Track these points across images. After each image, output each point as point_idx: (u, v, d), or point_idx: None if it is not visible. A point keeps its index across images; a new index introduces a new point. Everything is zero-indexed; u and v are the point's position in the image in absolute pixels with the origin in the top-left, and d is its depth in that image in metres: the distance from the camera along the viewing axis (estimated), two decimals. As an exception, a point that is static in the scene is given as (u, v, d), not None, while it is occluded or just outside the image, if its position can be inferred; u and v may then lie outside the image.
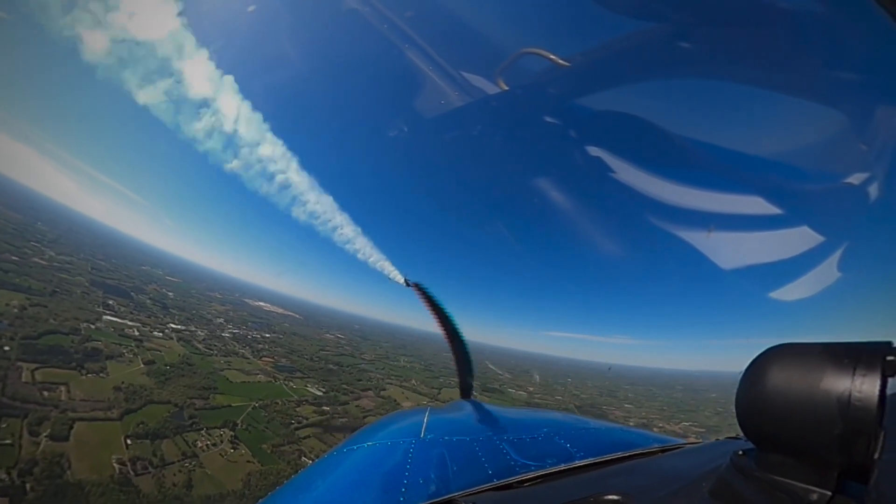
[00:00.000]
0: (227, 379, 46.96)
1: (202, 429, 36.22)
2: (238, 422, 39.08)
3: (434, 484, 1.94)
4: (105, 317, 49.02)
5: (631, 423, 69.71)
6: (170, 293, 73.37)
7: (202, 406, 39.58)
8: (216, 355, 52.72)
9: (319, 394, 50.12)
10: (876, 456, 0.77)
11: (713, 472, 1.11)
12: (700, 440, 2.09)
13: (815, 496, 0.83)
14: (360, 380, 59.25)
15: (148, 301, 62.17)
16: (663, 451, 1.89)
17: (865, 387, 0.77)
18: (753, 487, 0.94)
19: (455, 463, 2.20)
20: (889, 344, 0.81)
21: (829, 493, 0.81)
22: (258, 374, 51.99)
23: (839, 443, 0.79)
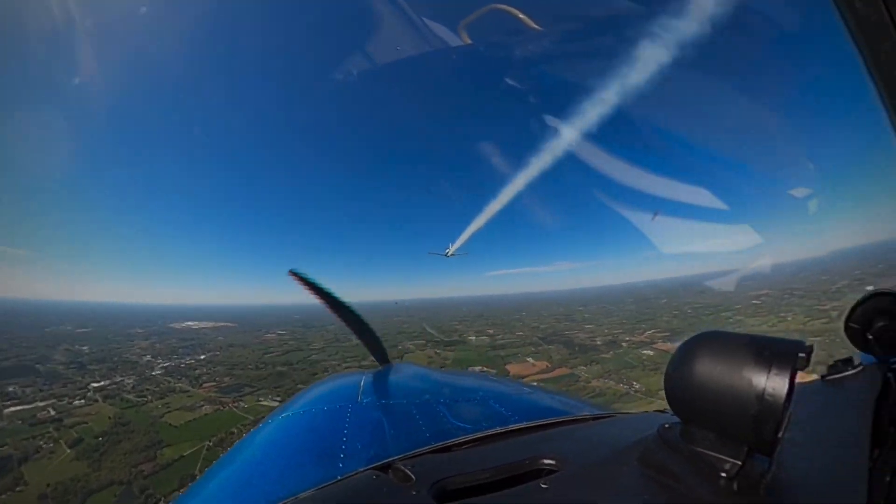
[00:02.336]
0: (170, 424, 42.67)
1: (159, 500, 31.36)
2: (196, 473, 33.96)
3: (372, 448, 1.94)
4: (7, 410, 42.22)
5: (598, 342, 71.22)
6: (84, 347, 65.28)
7: (152, 471, 34.76)
8: (151, 401, 48.07)
9: (276, 403, 45.83)
10: (780, 435, 0.95)
11: (642, 441, 1.21)
12: (629, 412, 2.19)
13: (728, 465, 1.00)
14: (314, 373, 57.66)
15: (60, 367, 54.33)
16: (595, 418, 1.97)
17: (778, 378, 0.91)
18: (677, 457, 1.07)
19: (393, 427, 2.21)
20: (802, 343, 0.97)
21: (740, 463, 0.99)
22: (202, 405, 47.95)
23: (752, 423, 0.93)
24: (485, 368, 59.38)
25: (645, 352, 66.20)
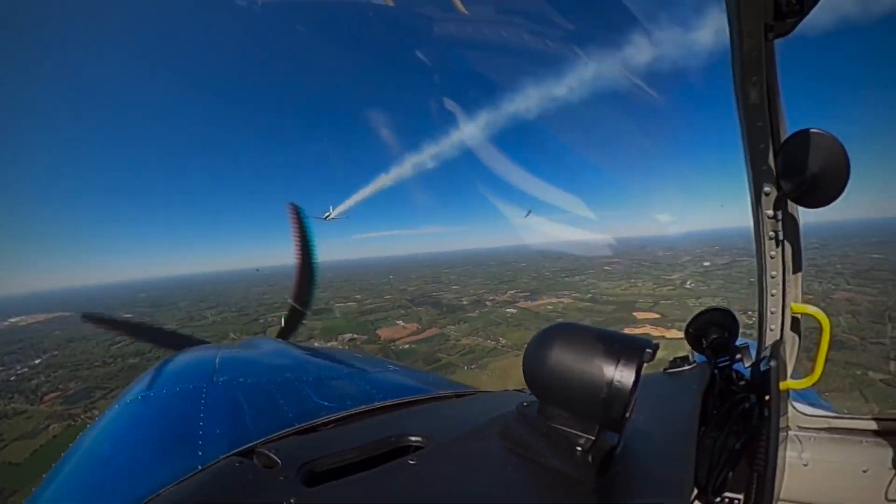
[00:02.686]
0: (10, 463, 30.65)
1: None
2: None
3: (233, 433, 1.86)
4: None
5: (464, 302, 73.80)
6: None
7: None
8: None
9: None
10: (627, 415, 1.06)
11: (502, 418, 1.29)
12: (489, 391, 2.21)
13: (582, 440, 1.10)
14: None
15: None
16: (457, 396, 2.01)
17: (627, 368, 1.02)
18: (535, 432, 1.16)
19: (253, 408, 2.11)
20: (649, 341, 1.08)
21: (593, 439, 1.09)
22: (47, 425, 36.08)
23: (603, 405, 1.04)
24: (354, 336, 57.58)
25: (508, 310, 71.42)
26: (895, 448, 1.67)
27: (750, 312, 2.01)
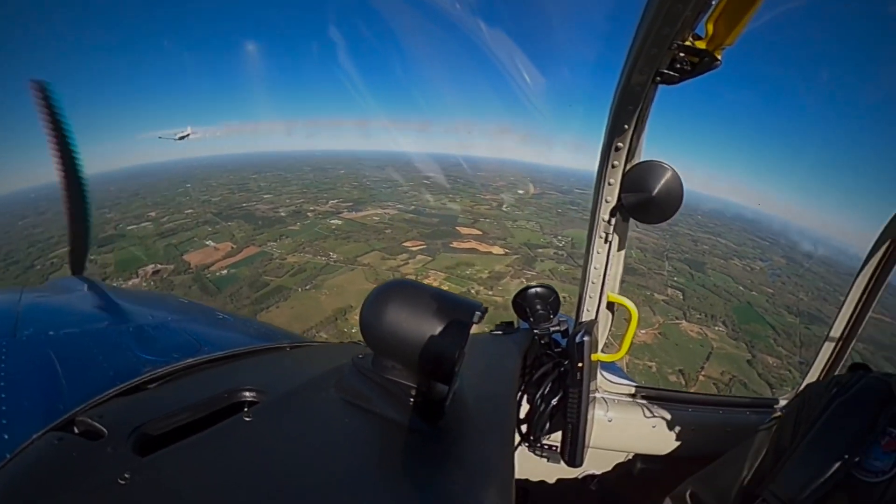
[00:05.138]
0: None
1: None
2: None
3: (45, 402, 1.61)
4: None
5: (282, 213, 67.75)
6: None
7: None
8: None
9: None
10: (456, 369, 1.15)
11: (338, 369, 1.32)
12: (325, 342, 2.20)
13: (414, 391, 1.18)
14: None
15: None
16: (292, 347, 1.96)
17: (457, 327, 1.11)
18: (369, 383, 1.22)
19: (68, 367, 1.82)
20: (480, 305, 1.18)
21: (425, 390, 1.18)
22: None
23: (434, 358, 1.12)
24: (158, 266, 47.45)
25: (333, 221, 67.53)
26: (672, 410, 2.11)
27: (566, 296, 2.32)
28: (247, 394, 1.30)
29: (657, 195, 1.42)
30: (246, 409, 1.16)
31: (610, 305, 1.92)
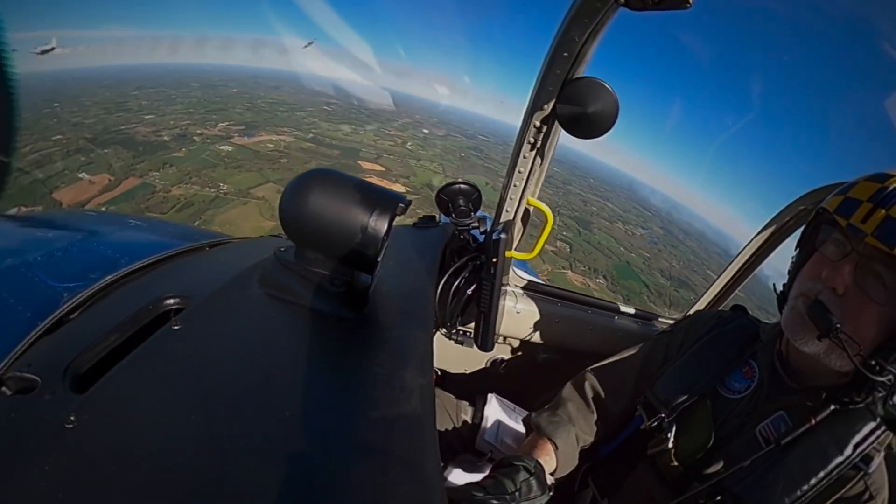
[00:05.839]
0: None
1: None
2: None
3: None
4: None
5: (165, 137, 62.18)
6: None
7: None
8: None
9: None
10: (379, 259, 1.19)
11: (260, 264, 1.32)
12: (245, 238, 2.19)
13: (338, 282, 1.20)
14: None
15: None
16: (212, 246, 1.93)
17: (381, 217, 1.13)
18: (293, 276, 1.23)
19: None
20: (404, 197, 1.20)
21: (349, 280, 1.21)
22: None
23: (357, 249, 1.14)
24: (23, 208, 42.48)
25: (223, 147, 63.64)
26: (574, 310, 2.36)
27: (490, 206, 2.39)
28: (170, 301, 1.29)
29: (591, 113, 1.42)
30: (173, 318, 1.13)
31: (527, 211, 2.02)
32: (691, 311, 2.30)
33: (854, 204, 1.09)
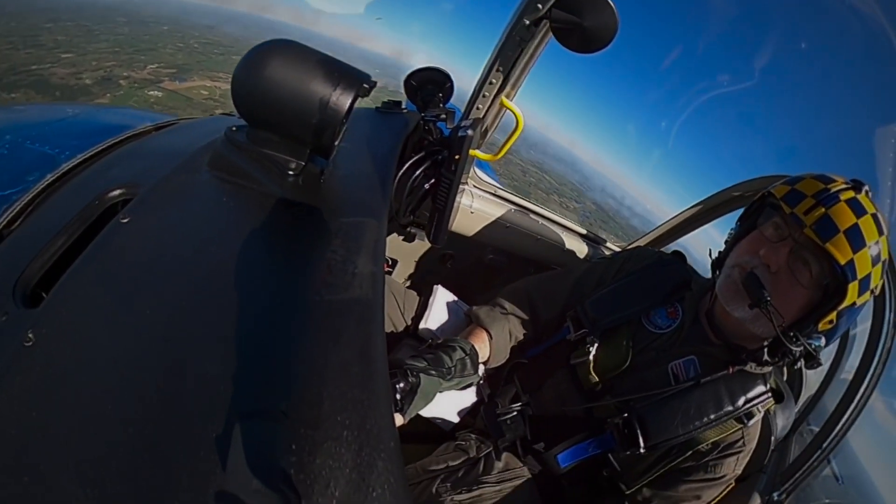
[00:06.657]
0: None
1: None
2: None
3: None
4: None
5: (87, 80, 56.85)
6: None
7: None
8: None
9: None
10: (336, 143, 1.14)
11: (210, 146, 1.23)
12: (193, 118, 2.11)
13: (293, 165, 1.14)
14: None
15: None
16: (158, 128, 1.80)
17: (343, 96, 1.05)
18: (245, 157, 1.15)
19: None
20: (369, 76, 1.12)
21: (303, 164, 1.15)
22: None
23: (314, 129, 1.07)
24: None
25: (152, 93, 58.96)
26: (525, 217, 2.42)
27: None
28: (117, 192, 1.22)
29: (587, 26, 1.33)
30: (121, 210, 1.06)
31: (498, 111, 1.96)
32: (631, 245, 2.49)
33: (799, 196, 1.20)
